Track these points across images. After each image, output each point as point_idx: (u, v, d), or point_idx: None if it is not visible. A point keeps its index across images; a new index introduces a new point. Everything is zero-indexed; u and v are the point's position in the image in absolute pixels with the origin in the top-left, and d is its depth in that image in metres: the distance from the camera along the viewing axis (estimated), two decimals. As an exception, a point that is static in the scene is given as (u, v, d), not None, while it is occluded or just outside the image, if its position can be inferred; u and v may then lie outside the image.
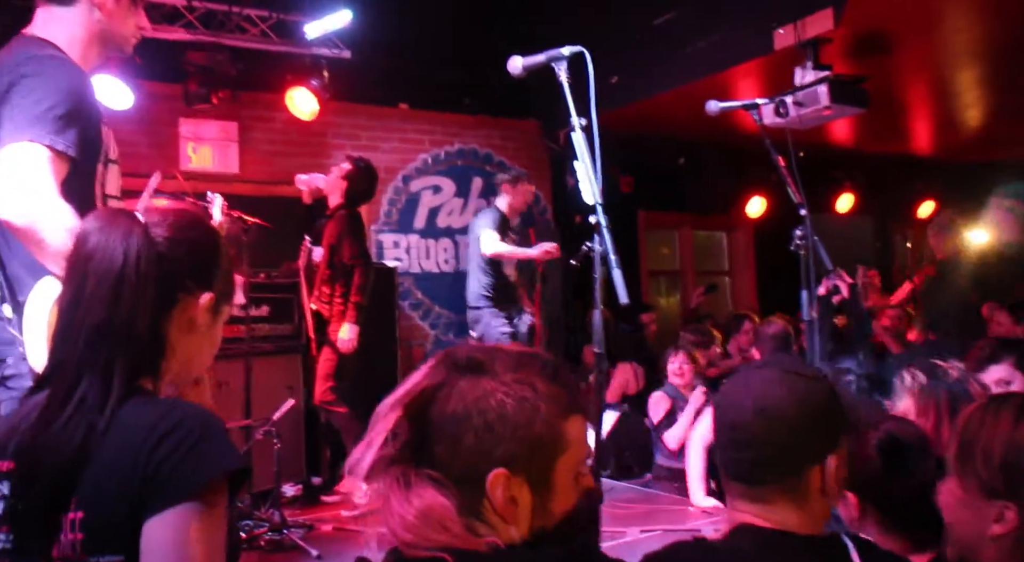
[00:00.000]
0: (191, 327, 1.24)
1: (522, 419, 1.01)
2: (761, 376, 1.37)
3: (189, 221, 1.26)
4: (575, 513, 1.05)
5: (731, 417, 1.34)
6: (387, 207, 6.56)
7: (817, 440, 1.30)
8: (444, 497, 0.98)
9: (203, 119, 5.72)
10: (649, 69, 6.03)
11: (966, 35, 5.52)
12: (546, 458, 1.02)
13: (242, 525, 3.99)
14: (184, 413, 1.10)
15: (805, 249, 3.01)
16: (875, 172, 8.71)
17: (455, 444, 1.00)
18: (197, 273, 1.24)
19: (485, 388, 1.02)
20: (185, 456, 1.05)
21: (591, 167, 2.09)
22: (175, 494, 1.03)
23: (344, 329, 4.76)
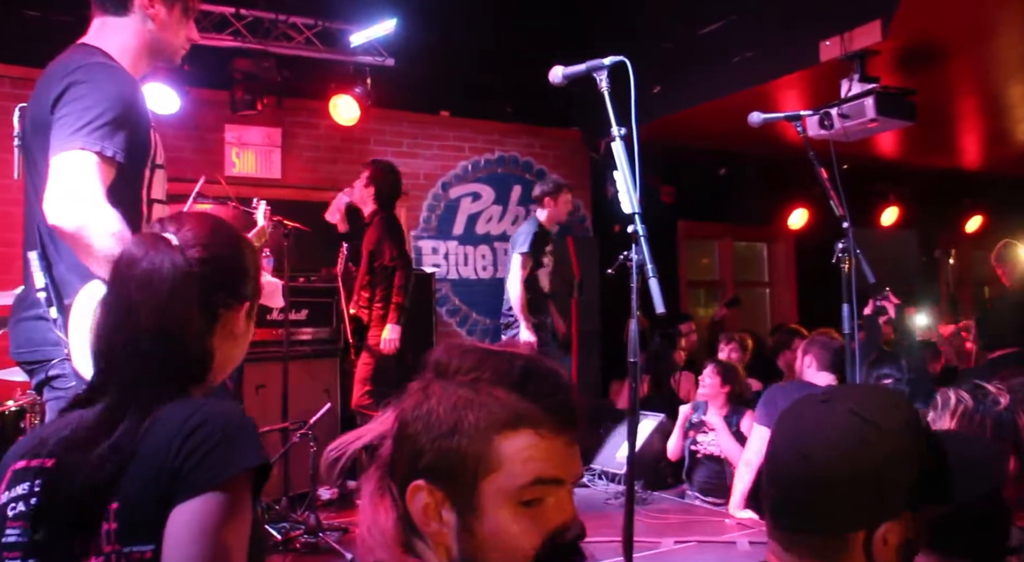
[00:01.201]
0: (233, 336, 1.31)
1: (444, 428, 0.92)
2: (821, 412, 1.15)
3: (217, 235, 1.29)
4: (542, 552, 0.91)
5: (775, 450, 1.17)
6: (426, 213, 6.60)
7: (869, 503, 1.09)
8: (391, 511, 0.93)
9: (248, 125, 5.82)
10: (692, 79, 6.00)
11: (1020, 49, 5.40)
12: (467, 475, 0.91)
13: (278, 527, 4.04)
14: (213, 410, 1.14)
15: (847, 263, 2.96)
16: (921, 186, 8.54)
17: (398, 451, 0.96)
18: (233, 286, 1.30)
19: (434, 391, 0.95)
20: (210, 451, 1.09)
21: (630, 177, 2.08)
22: (198, 485, 1.07)
23: (387, 330, 4.81)
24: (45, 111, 1.87)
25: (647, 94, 6.05)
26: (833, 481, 1.09)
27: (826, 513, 1.10)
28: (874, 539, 1.08)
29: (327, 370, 5.25)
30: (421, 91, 6.34)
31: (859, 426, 1.10)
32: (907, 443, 1.12)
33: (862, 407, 1.13)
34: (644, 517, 4.27)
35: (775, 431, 1.20)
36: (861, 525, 1.08)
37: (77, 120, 1.82)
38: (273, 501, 4.32)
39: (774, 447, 1.18)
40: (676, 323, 6.44)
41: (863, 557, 1.09)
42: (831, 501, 1.10)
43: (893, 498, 1.10)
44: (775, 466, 1.16)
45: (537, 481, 0.91)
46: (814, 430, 1.13)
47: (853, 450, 1.09)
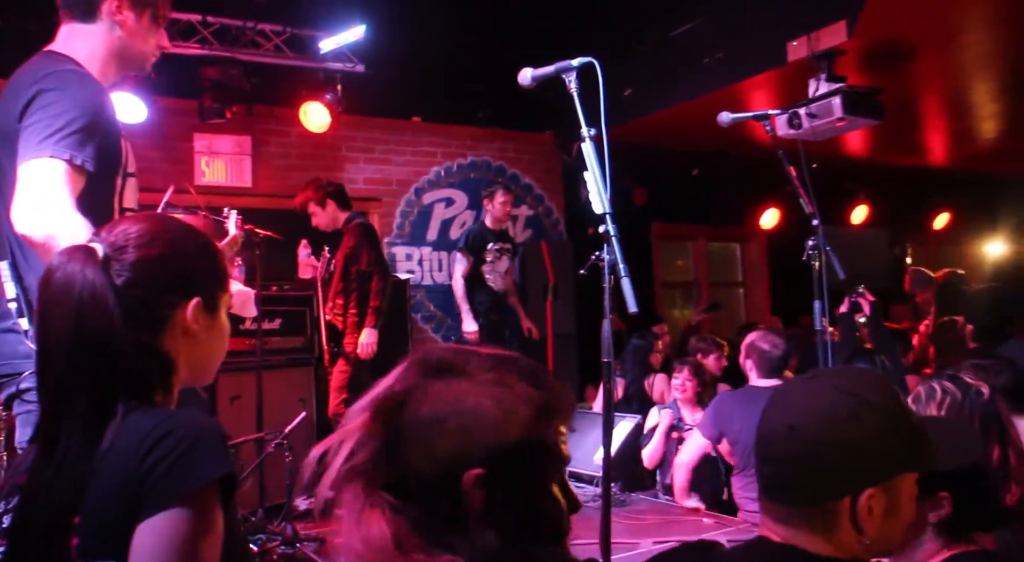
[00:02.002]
0: (189, 335, 1.25)
1: (500, 421, 0.97)
2: (807, 388, 1.24)
3: (154, 235, 1.24)
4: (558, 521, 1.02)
5: (764, 428, 1.24)
6: (399, 220, 6.57)
7: (853, 470, 1.16)
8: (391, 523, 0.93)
9: (217, 134, 5.77)
10: (664, 81, 6.04)
11: (983, 47, 5.49)
12: (526, 462, 0.98)
13: (254, 539, 3.99)
14: (178, 422, 1.11)
15: (818, 260, 2.99)
16: (889, 184, 8.66)
17: (429, 449, 0.96)
18: (176, 285, 1.25)
19: (460, 390, 0.99)
20: (174, 463, 1.06)
21: (600, 177, 2.08)
22: (163, 499, 1.05)
23: (364, 334, 4.81)
24: (13, 120, 1.84)
25: (619, 96, 6.08)
26: (819, 450, 1.16)
27: (814, 483, 1.17)
28: (859, 506, 1.14)
29: (302, 379, 5.21)
30: (392, 97, 6.32)
31: (844, 399, 1.17)
32: (889, 414, 1.19)
33: (846, 383, 1.21)
34: (622, 518, 4.27)
35: (765, 411, 1.26)
36: (846, 492, 1.15)
37: (46, 128, 1.79)
38: (249, 513, 4.27)
39: (765, 425, 1.24)
40: (650, 325, 6.46)
41: (850, 525, 1.15)
42: (818, 470, 1.16)
43: (876, 465, 1.17)
44: (767, 443, 1.23)
45: (568, 466, 1.05)
46: (802, 404, 1.21)
47: (838, 420, 1.16)
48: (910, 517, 1.22)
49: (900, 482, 1.19)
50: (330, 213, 5.09)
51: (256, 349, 4.59)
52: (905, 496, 1.19)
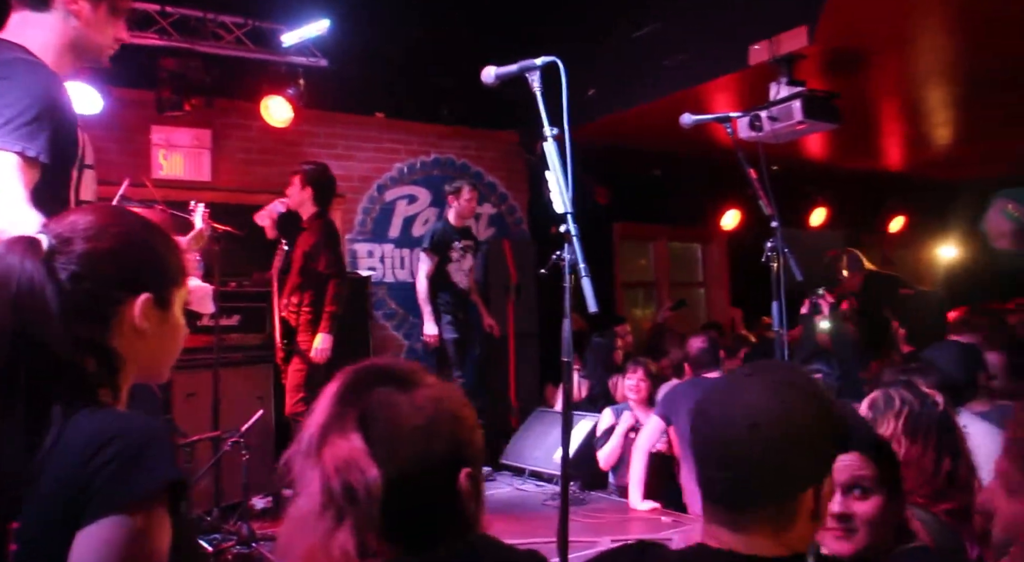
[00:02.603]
0: (138, 332, 1.21)
1: (473, 420, 1.10)
2: (751, 386, 1.22)
3: (103, 228, 1.21)
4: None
5: (719, 432, 1.20)
6: (361, 216, 6.52)
7: (815, 459, 1.18)
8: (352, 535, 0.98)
9: (175, 126, 5.66)
10: (627, 81, 6.07)
11: (937, 55, 5.61)
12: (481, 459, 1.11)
13: (209, 539, 3.93)
14: (125, 425, 1.08)
15: (776, 261, 3.03)
16: (847, 187, 8.81)
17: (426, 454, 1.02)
18: (124, 280, 1.21)
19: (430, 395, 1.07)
20: (120, 468, 1.03)
21: (562, 177, 2.09)
22: (107, 505, 1.01)
23: (319, 339, 4.73)
24: None
25: (583, 96, 6.10)
26: (784, 444, 1.16)
27: (780, 479, 1.16)
28: (821, 492, 1.18)
29: (260, 377, 5.15)
30: (355, 92, 6.27)
31: (791, 392, 1.20)
32: (826, 404, 1.23)
33: (786, 376, 1.24)
34: (581, 517, 4.30)
35: (708, 414, 1.24)
36: (810, 483, 1.17)
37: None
38: (204, 512, 4.21)
39: (716, 430, 1.21)
40: (612, 324, 6.50)
41: (809, 516, 1.17)
42: (784, 465, 1.16)
43: (827, 453, 1.21)
44: (725, 446, 1.19)
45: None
46: (755, 402, 1.19)
47: (794, 413, 1.18)
48: (824, 516, 1.25)
49: (828, 479, 1.22)
50: (303, 197, 4.96)
51: (213, 346, 4.53)
52: (826, 498, 1.22)
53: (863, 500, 1.52)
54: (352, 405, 1.04)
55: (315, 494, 1.00)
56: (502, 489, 5.14)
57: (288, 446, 1.08)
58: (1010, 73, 5.70)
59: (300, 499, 1.02)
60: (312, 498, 1.00)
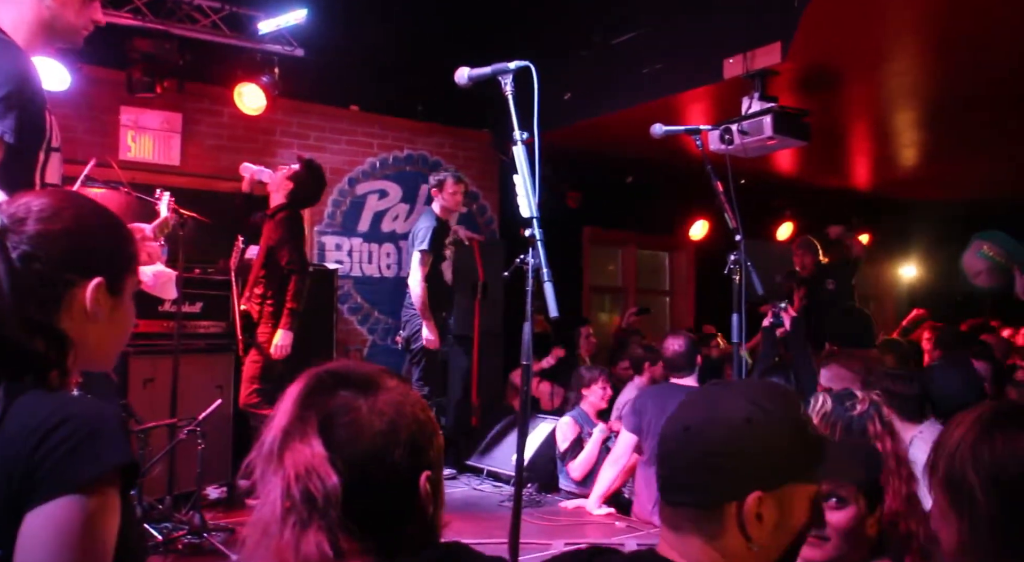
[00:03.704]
0: (89, 316, 1.20)
1: (433, 425, 1.11)
2: (712, 394, 1.25)
3: (58, 210, 1.20)
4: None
5: (665, 430, 1.24)
6: (331, 209, 6.49)
7: (742, 472, 1.16)
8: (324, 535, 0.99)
9: (145, 108, 5.59)
10: (603, 88, 6.10)
11: (907, 78, 5.72)
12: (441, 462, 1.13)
13: (159, 527, 3.88)
14: (77, 408, 1.07)
15: (738, 274, 3.07)
16: (814, 203, 8.94)
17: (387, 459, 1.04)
18: (77, 263, 1.19)
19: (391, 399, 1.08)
20: (69, 451, 1.02)
21: (530, 181, 2.10)
22: (55, 488, 1.01)
23: (279, 335, 4.70)
24: None
25: (558, 100, 6.12)
26: (709, 450, 1.17)
27: (705, 484, 1.17)
28: (744, 511, 1.14)
29: (221, 366, 5.08)
30: (331, 84, 6.24)
31: (743, 404, 1.18)
32: (784, 424, 1.20)
33: (750, 391, 1.23)
34: (536, 519, 4.32)
35: (674, 416, 1.26)
36: (735, 495, 1.15)
37: None
38: (157, 500, 4.16)
39: (665, 427, 1.24)
40: (576, 326, 6.54)
41: (737, 531, 1.15)
42: (708, 471, 1.17)
43: (765, 470, 1.17)
44: (663, 443, 1.22)
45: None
46: (702, 407, 1.22)
47: (731, 422, 1.17)
48: (802, 528, 1.21)
49: (792, 492, 1.19)
50: (283, 186, 4.87)
51: (174, 332, 4.47)
52: (797, 506, 1.20)
53: (838, 510, 1.53)
54: (313, 409, 1.05)
55: (276, 500, 1.00)
56: (460, 489, 5.15)
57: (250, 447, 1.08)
58: (976, 98, 5.84)
59: (263, 504, 1.02)
60: (274, 504, 1.00)
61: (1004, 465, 1.11)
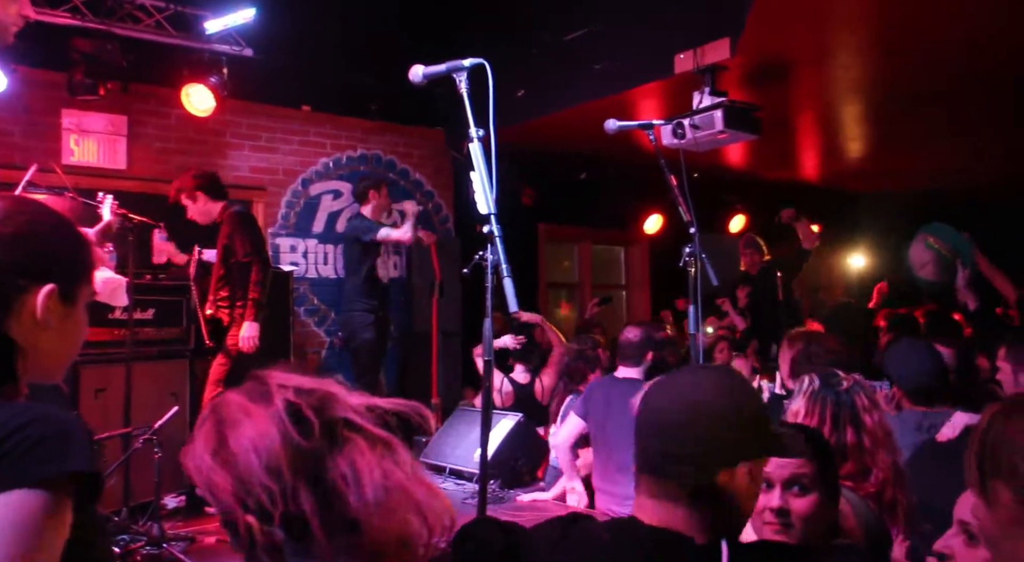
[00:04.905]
0: (39, 324, 1.17)
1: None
2: (697, 374, 1.41)
3: (9, 214, 1.17)
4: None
5: (654, 405, 1.33)
6: (285, 210, 6.40)
7: (736, 440, 1.28)
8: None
9: (88, 111, 5.44)
10: (556, 85, 6.12)
11: (852, 72, 5.84)
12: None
13: (117, 541, 3.80)
14: (36, 415, 1.04)
15: (693, 266, 3.11)
16: (765, 196, 9.09)
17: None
18: (28, 268, 1.16)
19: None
20: (35, 446, 1.00)
21: (486, 178, 2.10)
22: (13, 480, 0.98)
23: (244, 327, 4.67)
24: None
25: (512, 97, 6.12)
26: (711, 420, 1.28)
27: (692, 455, 1.26)
28: (735, 475, 1.25)
29: (175, 373, 4.99)
30: (281, 84, 6.15)
31: (710, 384, 1.32)
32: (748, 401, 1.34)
33: (707, 373, 1.39)
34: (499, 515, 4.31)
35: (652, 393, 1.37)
36: (728, 463, 1.26)
37: None
38: (113, 512, 4.07)
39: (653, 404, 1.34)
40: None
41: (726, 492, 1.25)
42: (708, 440, 1.27)
43: (745, 443, 1.29)
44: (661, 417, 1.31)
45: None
46: (691, 384, 1.34)
47: (709, 400, 1.29)
48: (752, 504, 1.32)
49: (760, 464, 1.32)
50: (201, 206, 4.88)
51: (126, 340, 4.37)
52: (758, 478, 1.32)
53: (801, 497, 1.62)
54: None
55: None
56: (422, 488, 5.12)
57: None
58: (920, 92, 5.99)
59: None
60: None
61: None
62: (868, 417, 1.91)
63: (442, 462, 5.44)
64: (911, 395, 2.82)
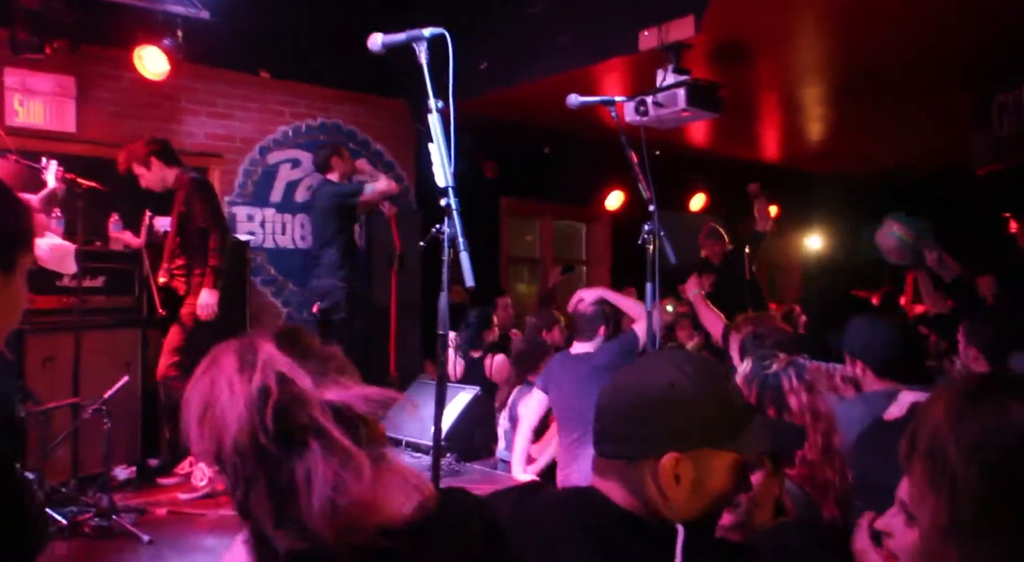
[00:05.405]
0: None
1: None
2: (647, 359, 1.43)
3: None
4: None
5: (602, 387, 1.34)
6: (242, 179, 6.27)
7: (660, 431, 1.24)
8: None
9: (34, 70, 5.23)
10: (519, 57, 6.06)
11: (813, 53, 5.89)
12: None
13: (64, 512, 3.73)
14: None
15: (652, 244, 3.13)
16: (726, 175, 9.16)
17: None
18: None
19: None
20: None
21: (445, 150, 2.07)
22: None
23: (203, 295, 4.61)
24: None
25: (475, 69, 6.06)
26: (633, 405, 1.27)
27: (625, 438, 1.26)
28: (661, 468, 1.22)
29: (127, 342, 4.90)
30: (239, 49, 5.99)
31: (669, 370, 1.28)
32: (705, 391, 1.27)
33: (678, 359, 1.32)
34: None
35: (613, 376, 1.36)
36: (651, 453, 1.23)
37: None
38: (61, 483, 3.99)
39: (609, 383, 1.34)
40: (494, 297, 6.55)
41: (654, 486, 1.23)
42: (629, 426, 1.26)
43: (681, 433, 1.24)
44: (600, 399, 1.32)
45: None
46: (634, 371, 1.34)
47: (655, 385, 1.27)
48: (723, 495, 1.28)
49: (712, 456, 1.26)
50: (156, 172, 4.77)
51: (74, 308, 4.27)
52: (716, 471, 1.26)
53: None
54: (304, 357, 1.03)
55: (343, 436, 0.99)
56: (378, 461, 5.12)
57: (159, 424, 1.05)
58: (879, 74, 6.06)
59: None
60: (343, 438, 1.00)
61: (988, 438, 1.00)
62: (794, 398, 1.90)
63: (399, 435, 5.43)
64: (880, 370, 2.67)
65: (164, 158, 4.79)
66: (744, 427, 1.29)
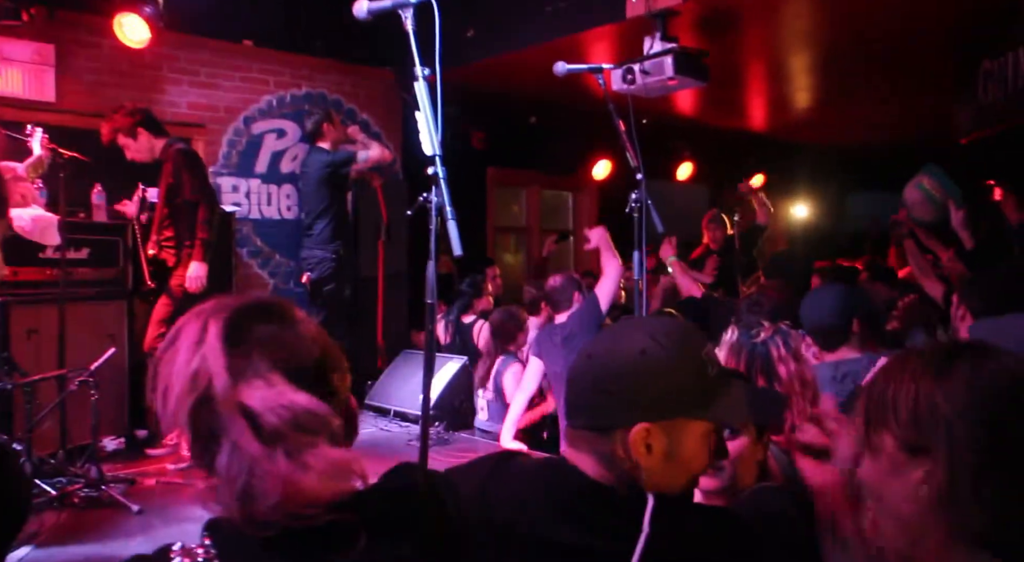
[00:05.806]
0: None
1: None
2: (620, 327, 1.34)
3: None
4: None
5: (575, 358, 1.31)
6: (226, 149, 6.21)
7: (630, 400, 1.21)
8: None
9: (11, 38, 5.14)
10: (506, 25, 6.00)
11: (802, 22, 5.85)
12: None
13: (53, 483, 3.74)
14: None
15: (639, 213, 3.13)
16: (712, 144, 9.16)
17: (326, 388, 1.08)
18: None
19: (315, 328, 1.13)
20: None
21: (432, 119, 2.06)
22: None
23: (192, 267, 4.60)
24: None
25: (461, 37, 5.99)
26: (604, 376, 1.23)
27: (596, 408, 1.23)
28: (631, 438, 1.19)
29: (112, 314, 4.88)
30: (222, 17, 5.89)
31: (642, 337, 1.24)
32: (679, 360, 1.23)
33: (651, 326, 1.28)
34: (445, 457, 4.38)
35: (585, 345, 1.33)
36: (622, 423, 1.20)
37: None
38: (49, 455, 4.00)
39: (576, 356, 1.31)
40: (482, 267, 6.55)
41: (625, 456, 1.20)
42: (601, 395, 1.23)
43: (653, 403, 1.21)
44: (571, 369, 1.29)
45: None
46: (607, 338, 1.29)
47: (627, 353, 1.23)
48: (697, 463, 1.25)
49: (684, 426, 1.23)
50: (144, 143, 4.72)
51: (59, 280, 4.24)
52: (690, 441, 1.23)
53: (731, 440, 1.59)
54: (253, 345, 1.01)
55: (250, 440, 0.95)
56: (367, 429, 5.15)
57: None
58: (866, 43, 6.04)
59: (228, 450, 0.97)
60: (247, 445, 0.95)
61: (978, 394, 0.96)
62: (783, 367, 1.90)
63: (386, 404, 5.47)
64: (813, 337, 2.73)
65: (151, 128, 4.74)
66: (718, 396, 1.26)
